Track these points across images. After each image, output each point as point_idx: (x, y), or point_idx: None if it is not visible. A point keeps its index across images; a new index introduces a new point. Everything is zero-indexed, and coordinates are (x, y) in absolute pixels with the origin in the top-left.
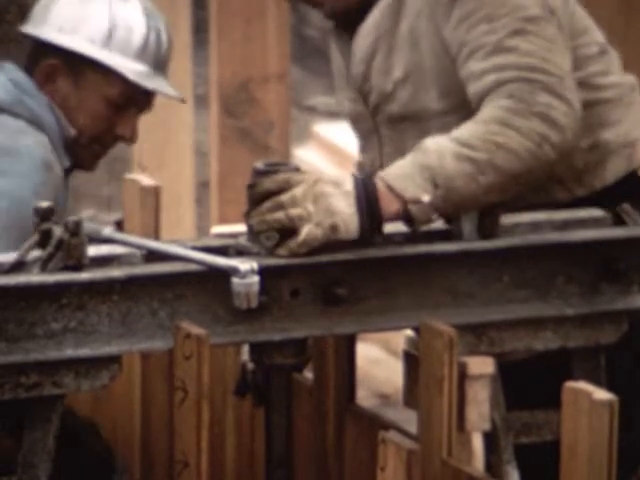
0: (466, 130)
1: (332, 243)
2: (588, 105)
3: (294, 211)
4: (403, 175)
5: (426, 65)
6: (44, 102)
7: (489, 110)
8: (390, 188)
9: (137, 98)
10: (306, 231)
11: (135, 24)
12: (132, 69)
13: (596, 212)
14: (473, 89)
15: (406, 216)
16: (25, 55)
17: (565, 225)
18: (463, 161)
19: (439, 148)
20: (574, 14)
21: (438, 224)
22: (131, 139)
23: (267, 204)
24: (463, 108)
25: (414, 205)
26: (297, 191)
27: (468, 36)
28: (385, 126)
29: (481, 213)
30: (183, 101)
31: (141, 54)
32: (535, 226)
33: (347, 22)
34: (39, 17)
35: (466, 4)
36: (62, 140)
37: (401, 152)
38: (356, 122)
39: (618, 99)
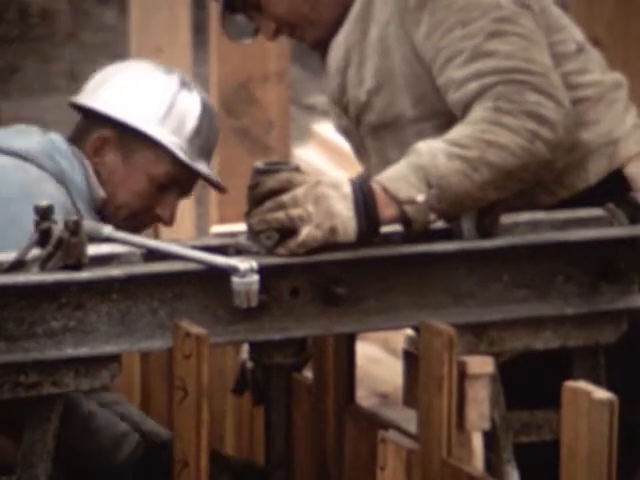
0: (456, 131)
1: (331, 244)
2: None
3: (295, 211)
4: (397, 177)
5: (397, 72)
6: (76, 164)
7: (477, 112)
8: (385, 190)
9: (181, 181)
10: (306, 232)
11: (192, 109)
12: (183, 150)
13: (596, 211)
14: (455, 97)
15: (403, 218)
16: (74, 127)
17: (565, 224)
18: (455, 159)
19: (431, 149)
20: (547, 10)
21: (437, 223)
22: (169, 222)
23: (268, 204)
24: (438, 114)
25: (410, 206)
26: (299, 192)
27: (442, 42)
28: (368, 137)
29: (480, 212)
30: (223, 190)
31: (192, 139)
32: (535, 225)
33: (326, 43)
34: (93, 90)
35: (437, 11)
36: (91, 202)
37: (385, 162)
38: (347, 136)
39: (597, 98)
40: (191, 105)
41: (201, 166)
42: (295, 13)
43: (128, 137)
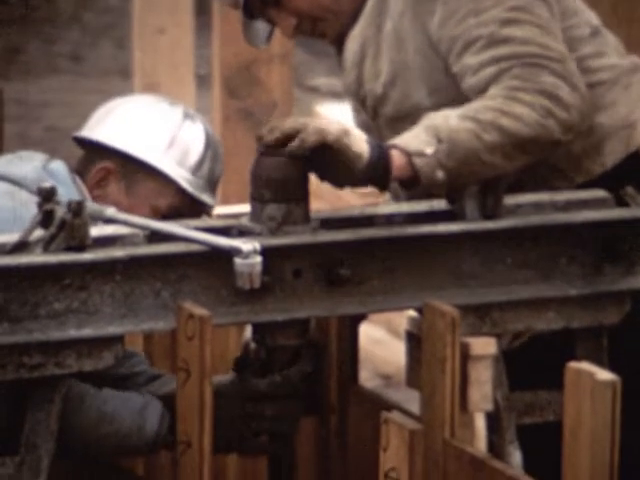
0: (471, 104)
1: (335, 222)
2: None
3: (311, 122)
4: (408, 136)
5: (412, 63)
6: (74, 192)
7: (494, 90)
8: (395, 145)
9: (185, 212)
10: (317, 123)
11: (196, 140)
12: (187, 181)
13: (599, 193)
14: (471, 82)
15: (412, 170)
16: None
17: (568, 206)
18: (467, 121)
19: (444, 113)
20: None
21: (440, 204)
22: None
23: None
24: (453, 104)
25: (418, 158)
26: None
27: (457, 31)
28: (386, 129)
29: (484, 192)
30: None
31: (196, 170)
32: (538, 207)
33: (343, 38)
34: (96, 123)
35: (450, 0)
36: None
37: None
38: (366, 131)
39: (613, 81)
40: (195, 136)
41: (205, 197)
42: (318, 5)
43: (131, 168)
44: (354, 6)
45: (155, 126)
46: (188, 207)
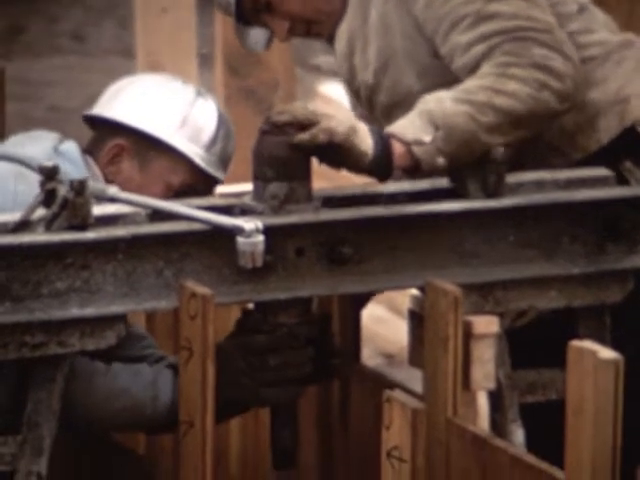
0: (464, 84)
1: (337, 200)
2: None
3: (319, 110)
4: (404, 123)
5: (400, 48)
6: (85, 172)
7: (485, 68)
8: (393, 135)
9: (198, 189)
10: (328, 121)
11: (208, 118)
12: (200, 158)
13: (601, 171)
14: (462, 61)
15: (412, 159)
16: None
17: (570, 184)
18: (462, 104)
19: (437, 97)
20: None
21: (443, 183)
22: None
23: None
24: (443, 86)
25: (417, 147)
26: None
27: (443, 10)
28: (383, 119)
29: (486, 171)
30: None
31: (209, 147)
32: (540, 185)
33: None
34: (107, 101)
35: None
36: None
37: None
38: (367, 123)
39: (604, 57)
40: (208, 114)
41: (218, 174)
42: (310, 8)
43: (144, 145)
44: (345, 4)
45: (168, 104)
46: (201, 184)
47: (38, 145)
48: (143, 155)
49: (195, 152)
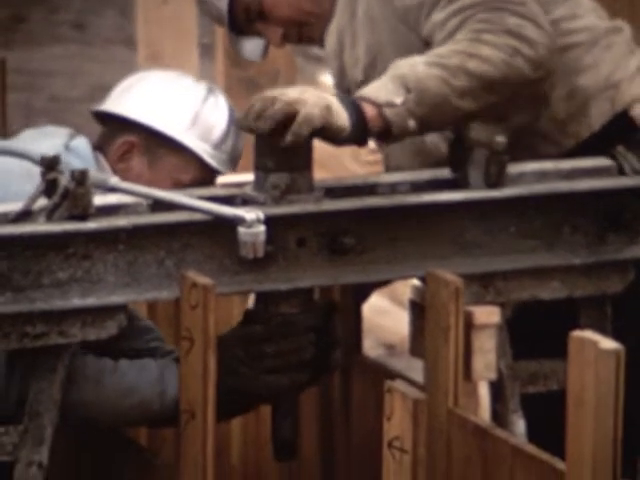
0: (438, 49)
1: (339, 191)
2: (559, 51)
3: (291, 94)
4: (377, 86)
5: (387, 43)
6: (93, 167)
7: (459, 35)
8: (365, 98)
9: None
10: (304, 111)
11: (219, 116)
12: (210, 156)
13: (603, 161)
14: (440, 36)
15: (383, 120)
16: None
17: (571, 174)
18: (434, 67)
19: (410, 61)
20: None
21: (444, 173)
22: None
23: (259, 103)
24: None
25: (389, 109)
26: (288, 90)
27: None
28: None
29: (488, 161)
30: None
31: (219, 145)
32: (541, 175)
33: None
34: (117, 97)
35: None
36: None
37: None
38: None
39: (591, 42)
40: (218, 112)
41: (228, 172)
42: (299, 11)
43: (154, 142)
44: (333, 5)
45: (179, 101)
46: (211, 182)
47: (48, 142)
48: (153, 152)
49: (205, 150)
